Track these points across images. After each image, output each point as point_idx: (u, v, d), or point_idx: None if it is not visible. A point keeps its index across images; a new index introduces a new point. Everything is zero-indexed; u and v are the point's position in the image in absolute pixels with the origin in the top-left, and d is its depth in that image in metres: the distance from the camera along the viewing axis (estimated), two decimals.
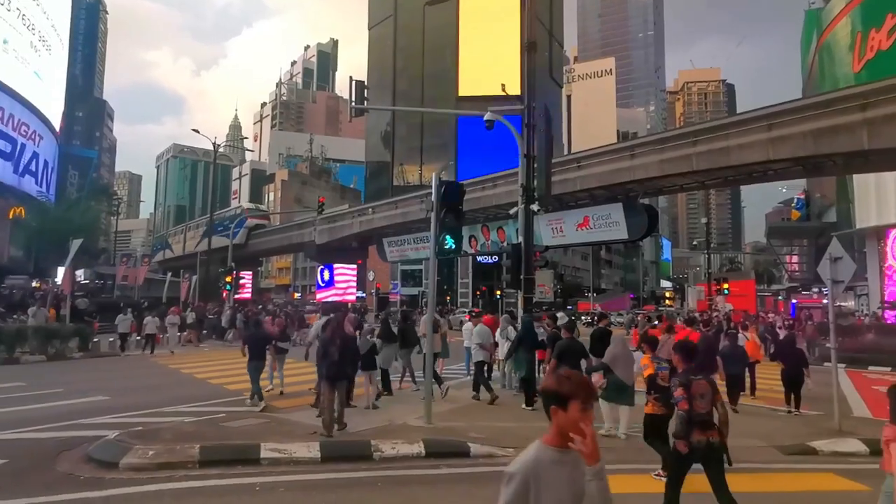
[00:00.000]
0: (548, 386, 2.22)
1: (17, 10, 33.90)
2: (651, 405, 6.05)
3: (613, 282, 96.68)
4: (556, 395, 2.11)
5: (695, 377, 4.75)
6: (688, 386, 4.63)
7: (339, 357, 7.62)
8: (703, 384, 4.65)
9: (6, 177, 32.92)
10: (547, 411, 2.15)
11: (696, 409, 4.56)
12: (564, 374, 2.23)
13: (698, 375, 4.79)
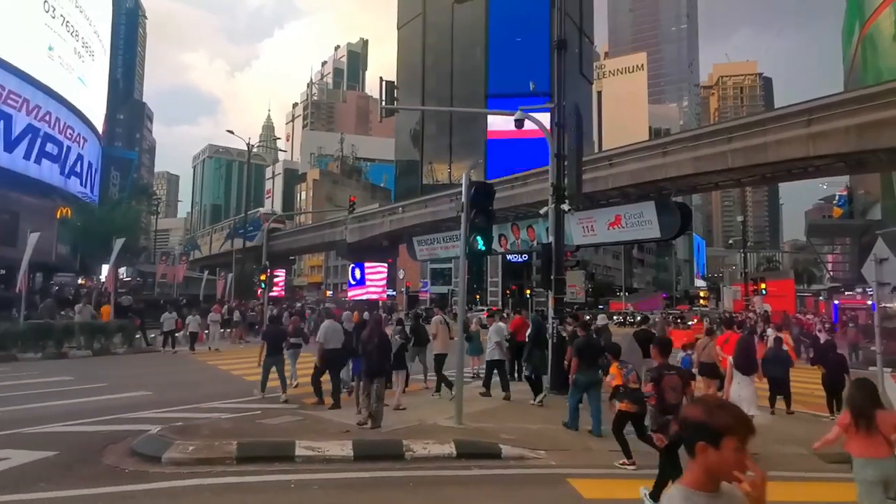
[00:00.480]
0: (694, 417, 1.72)
1: (61, 17, 35.23)
2: (625, 404, 6.45)
3: (646, 281, 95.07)
4: (705, 430, 1.66)
5: (668, 372, 5.25)
6: (658, 380, 5.09)
7: (378, 355, 8.00)
8: (674, 378, 5.15)
9: (53, 178, 34.26)
10: (689, 447, 1.71)
11: (668, 400, 5.01)
12: (715, 403, 1.75)
13: (671, 370, 5.29)
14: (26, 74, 30.80)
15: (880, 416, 4.32)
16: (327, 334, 9.80)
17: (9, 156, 29.92)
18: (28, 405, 9.13)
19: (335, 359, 9.77)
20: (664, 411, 4.96)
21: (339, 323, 10.76)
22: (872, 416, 4.24)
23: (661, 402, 5.01)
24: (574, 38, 67.84)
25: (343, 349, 9.82)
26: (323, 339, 9.79)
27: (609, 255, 79.13)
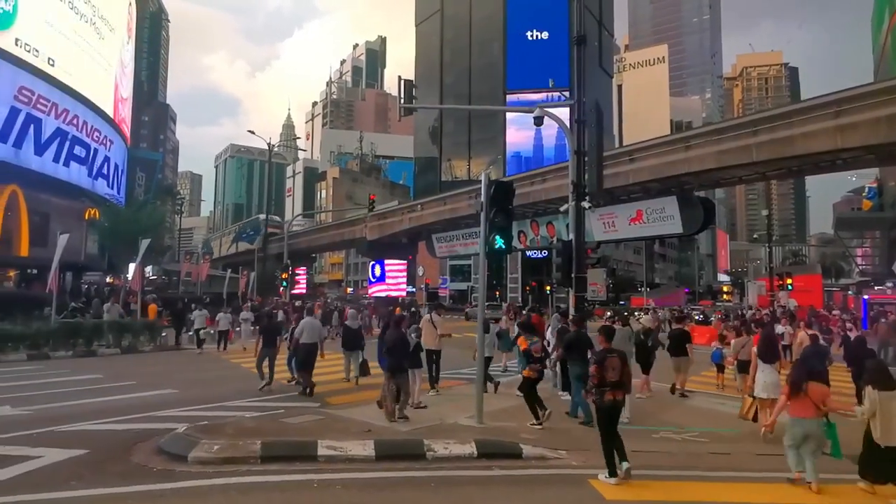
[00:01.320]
0: None
1: (92, 24, 36.08)
2: (528, 371, 8.46)
3: (667, 276, 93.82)
4: None
5: (609, 354, 6.46)
6: (602, 361, 6.31)
7: (397, 352, 8.50)
8: (615, 360, 6.37)
9: (82, 180, 35.11)
10: None
11: (609, 377, 6.22)
12: None
13: (613, 353, 6.51)
14: (54, 79, 31.56)
15: (811, 387, 5.92)
16: (303, 329, 10.98)
17: (39, 159, 30.72)
18: (60, 403, 9.39)
19: (308, 350, 10.85)
20: (602, 385, 6.20)
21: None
22: (804, 388, 5.89)
23: (602, 378, 6.23)
24: (593, 31, 67.10)
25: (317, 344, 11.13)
26: (298, 334, 11.04)
27: (630, 250, 78.23)
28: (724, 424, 8.89)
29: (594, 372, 6.27)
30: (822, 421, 6.00)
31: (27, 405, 9.11)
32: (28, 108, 29.53)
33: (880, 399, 5.64)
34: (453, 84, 73.13)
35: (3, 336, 15.38)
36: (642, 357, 11.41)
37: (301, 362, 10.98)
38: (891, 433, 5.56)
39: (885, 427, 5.57)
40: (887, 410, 5.59)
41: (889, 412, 5.58)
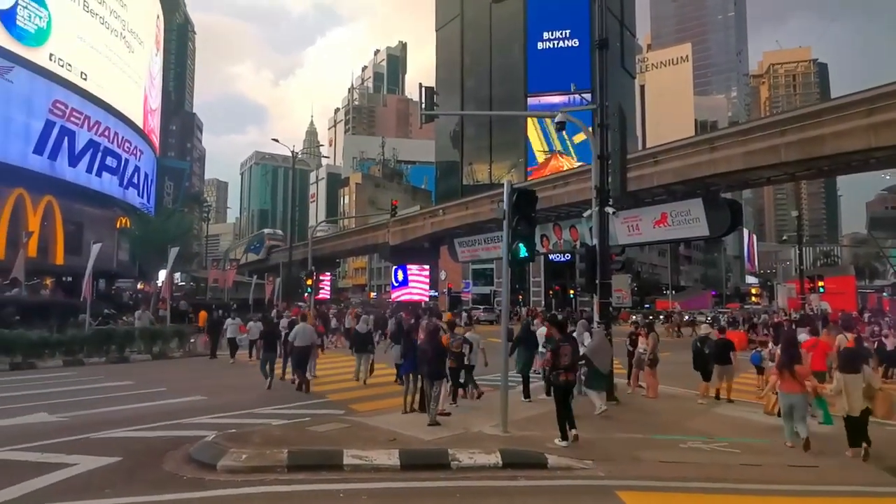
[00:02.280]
0: None
1: (122, 38, 37.17)
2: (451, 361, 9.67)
3: (693, 278, 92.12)
4: None
5: (563, 343, 7.88)
6: (557, 349, 7.76)
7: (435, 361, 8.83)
8: (567, 347, 7.84)
9: (113, 190, 36.16)
10: None
11: (562, 362, 7.68)
12: None
13: (565, 342, 7.95)
14: (87, 92, 32.55)
15: (798, 368, 7.70)
16: (297, 334, 12.24)
17: (73, 170, 31.71)
18: (94, 409, 9.65)
19: (301, 352, 12.17)
20: (555, 368, 7.68)
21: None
22: (793, 368, 7.65)
23: (556, 363, 7.68)
24: (615, 31, 66.52)
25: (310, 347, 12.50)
26: (292, 338, 12.30)
27: (654, 252, 77.08)
28: (754, 434, 8.70)
29: (549, 357, 7.84)
30: (806, 395, 7.77)
31: (63, 411, 9.39)
32: (62, 121, 30.54)
33: (846, 380, 7.26)
34: (474, 88, 73.21)
35: (41, 343, 15.91)
36: (700, 364, 11.53)
37: (296, 363, 12.26)
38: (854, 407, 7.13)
39: (851, 403, 7.16)
40: (852, 390, 7.17)
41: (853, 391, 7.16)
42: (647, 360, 11.77)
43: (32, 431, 8.06)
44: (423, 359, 8.99)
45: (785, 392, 7.74)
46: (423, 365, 8.99)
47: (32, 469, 6.27)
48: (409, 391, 9.61)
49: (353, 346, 13.65)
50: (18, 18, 27.68)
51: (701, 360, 11.50)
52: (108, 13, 35.47)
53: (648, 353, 11.79)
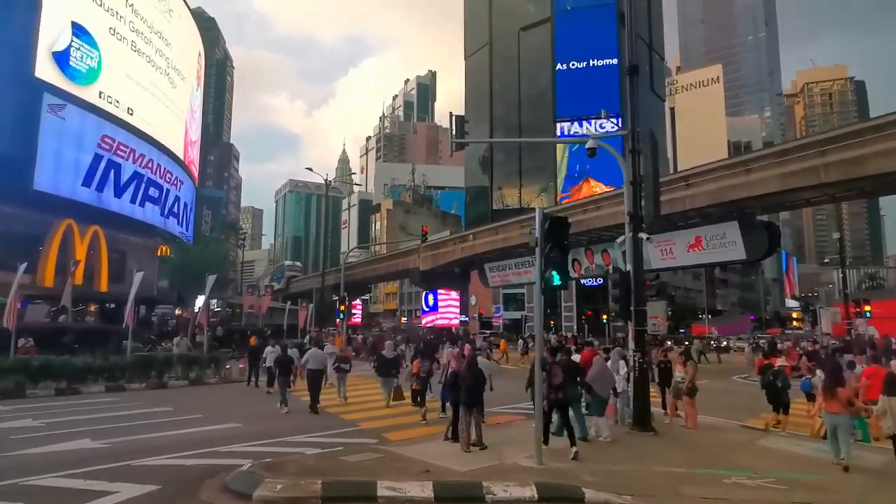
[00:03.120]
0: None
1: (166, 74, 39.02)
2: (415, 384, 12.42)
3: (730, 302, 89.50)
4: None
5: (554, 365, 9.18)
6: (549, 370, 8.92)
7: (474, 388, 8.96)
8: (557, 369, 9.10)
9: (155, 219, 37.49)
10: None
11: (553, 382, 8.91)
12: None
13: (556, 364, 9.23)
14: (132, 126, 34.11)
15: (840, 391, 8.36)
16: (309, 358, 13.42)
17: (118, 201, 33.05)
18: (135, 436, 9.87)
19: (314, 375, 13.17)
20: (550, 387, 8.86)
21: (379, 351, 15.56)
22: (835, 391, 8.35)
23: (550, 382, 8.89)
24: (644, 55, 66.57)
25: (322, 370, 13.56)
26: (304, 362, 13.54)
27: (689, 275, 75.33)
28: (803, 469, 8.31)
29: (545, 378, 8.71)
30: (848, 416, 8.37)
31: (106, 438, 9.64)
32: (109, 155, 31.98)
33: (890, 402, 8.19)
34: (503, 114, 73.85)
35: (85, 369, 16.43)
36: (773, 397, 11.43)
37: (309, 385, 13.12)
38: None
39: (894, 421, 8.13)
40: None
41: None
42: (686, 389, 11.44)
43: (76, 458, 8.28)
44: (462, 386, 9.01)
45: (829, 413, 8.40)
46: (461, 392, 8.98)
47: (76, 496, 6.44)
48: (452, 419, 9.58)
49: (379, 371, 14.19)
50: (72, 59, 29.33)
51: (774, 392, 11.42)
52: (154, 52, 37.33)
53: (687, 381, 11.46)
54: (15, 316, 17.18)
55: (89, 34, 30.59)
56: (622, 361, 11.60)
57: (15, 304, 17.42)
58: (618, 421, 11.40)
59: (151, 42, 36.98)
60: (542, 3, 69.69)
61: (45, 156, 27.90)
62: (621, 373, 11.40)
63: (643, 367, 11.16)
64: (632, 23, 14.25)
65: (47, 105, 28.03)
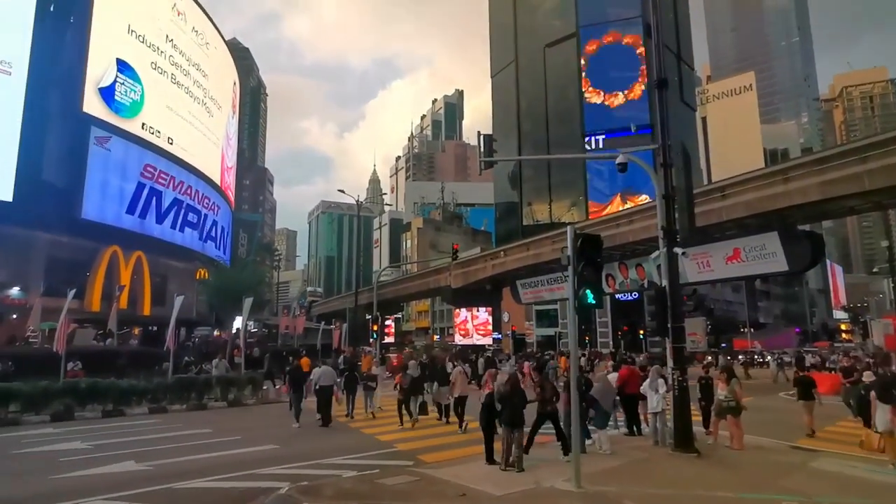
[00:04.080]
0: None
1: (203, 104, 40.56)
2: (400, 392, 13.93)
3: (773, 315, 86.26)
4: None
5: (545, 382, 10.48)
6: (543, 386, 10.13)
7: (517, 408, 8.93)
8: (549, 385, 10.32)
9: (194, 243, 38.71)
10: None
11: (545, 396, 9.90)
12: None
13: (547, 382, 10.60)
14: (172, 155, 35.46)
15: None
16: (321, 375, 14.61)
17: (159, 227, 34.26)
18: (177, 458, 10.09)
19: (325, 391, 14.30)
20: (544, 400, 9.81)
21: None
22: None
23: (543, 396, 9.88)
24: (672, 66, 65.83)
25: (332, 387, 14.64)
26: (315, 378, 14.73)
27: (728, 288, 73.02)
28: (859, 493, 7.91)
29: (538, 392, 10.06)
30: None
31: (149, 460, 9.88)
32: (151, 183, 33.28)
33: None
34: (531, 130, 73.84)
35: (130, 391, 16.91)
36: (865, 412, 11.03)
37: (318, 401, 14.24)
38: None
39: None
40: None
41: None
42: (730, 408, 11.04)
43: (122, 480, 8.51)
44: (504, 405, 8.97)
45: None
46: (504, 411, 8.96)
47: None
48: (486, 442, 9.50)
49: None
50: (117, 93, 30.81)
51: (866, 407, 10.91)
52: (192, 83, 38.90)
53: (732, 400, 11.06)
54: (65, 340, 17.88)
55: (133, 69, 32.11)
56: (661, 379, 11.31)
57: (65, 328, 18.14)
58: (658, 441, 11.10)
59: (190, 74, 38.55)
60: (568, 18, 69.82)
61: (91, 186, 29.24)
62: (660, 391, 11.12)
63: (683, 385, 10.85)
64: (659, 35, 14.16)
65: (94, 138, 29.45)
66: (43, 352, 20.54)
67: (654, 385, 11.35)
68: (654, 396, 11.27)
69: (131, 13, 32.63)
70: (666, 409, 11.02)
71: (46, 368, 17.29)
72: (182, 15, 38.19)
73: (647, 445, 11.08)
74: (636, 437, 12.10)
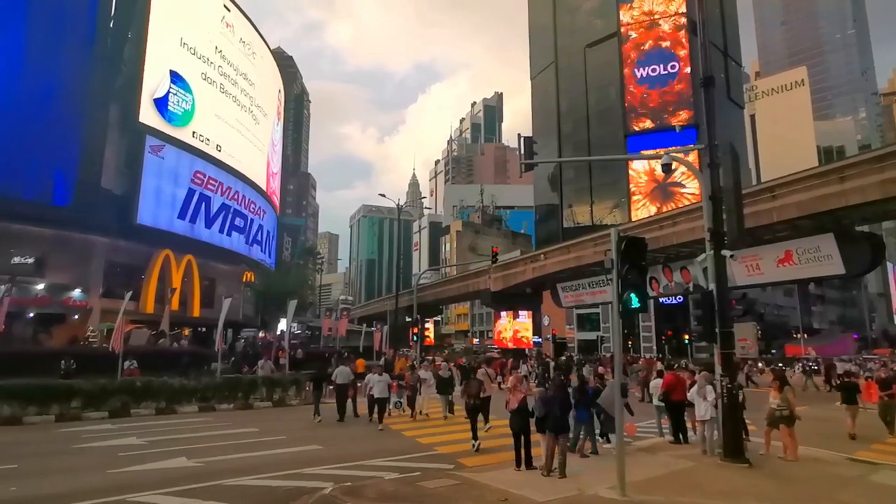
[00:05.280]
0: None
1: (250, 112, 41.87)
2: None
3: (829, 320, 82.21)
4: None
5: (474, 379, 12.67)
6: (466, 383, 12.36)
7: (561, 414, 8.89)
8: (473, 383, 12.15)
9: (240, 247, 39.92)
10: None
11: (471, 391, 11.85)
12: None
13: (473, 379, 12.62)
14: (221, 162, 36.70)
15: None
16: (339, 374, 16.01)
17: (208, 231, 35.49)
18: (225, 456, 10.42)
19: (341, 389, 15.80)
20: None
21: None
22: None
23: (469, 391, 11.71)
24: (718, 63, 63.87)
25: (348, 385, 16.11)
26: (334, 377, 16.12)
27: (779, 291, 70.02)
28: None
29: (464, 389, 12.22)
30: None
31: (199, 457, 10.24)
32: (201, 189, 34.53)
33: None
34: (571, 132, 72.93)
35: (181, 390, 17.59)
36: None
37: (336, 398, 15.82)
38: None
39: None
40: None
41: None
42: (783, 417, 10.59)
43: (175, 476, 8.86)
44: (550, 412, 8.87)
45: None
46: (547, 417, 8.86)
47: None
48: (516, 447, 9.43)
49: (437, 389, 16.50)
50: (170, 104, 32.15)
51: None
52: (240, 92, 40.21)
53: (785, 408, 10.61)
54: (121, 340, 18.75)
55: (184, 80, 33.45)
56: (709, 387, 10.96)
57: (122, 329, 19.02)
58: (706, 451, 10.76)
59: (237, 83, 39.88)
60: (609, 18, 68.72)
61: (146, 192, 30.57)
62: (709, 398, 10.78)
63: (733, 392, 10.48)
64: (705, 32, 13.77)
65: (149, 146, 30.81)
66: (102, 351, 21.58)
67: (702, 391, 11.02)
68: (702, 404, 10.94)
69: (183, 27, 34.02)
70: (714, 417, 10.67)
71: (105, 367, 18.17)
72: (231, 27, 39.55)
73: (695, 454, 10.77)
74: (682, 445, 11.78)
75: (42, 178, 26.87)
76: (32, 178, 26.59)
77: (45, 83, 26.99)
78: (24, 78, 26.42)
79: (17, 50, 26.44)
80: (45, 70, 26.95)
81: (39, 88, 26.83)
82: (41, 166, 26.91)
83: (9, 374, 15.56)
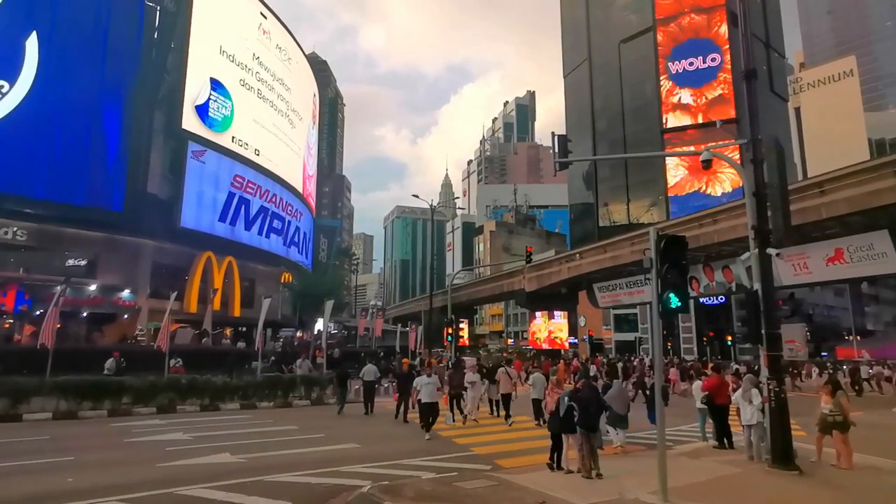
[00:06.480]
0: None
1: (286, 116, 42.77)
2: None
3: (884, 321, 78.33)
4: None
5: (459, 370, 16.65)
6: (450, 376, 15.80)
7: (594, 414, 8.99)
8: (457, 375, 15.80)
9: (278, 249, 40.83)
10: None
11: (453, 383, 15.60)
12: None
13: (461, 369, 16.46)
14: (259, 166, 37.60)
15: None
16: (366, 371, 17.69)
17: (248, 233, 36.41)
18: (266, 452, 10.67)
19: (368, 385, 17.45)
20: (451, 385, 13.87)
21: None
22: None
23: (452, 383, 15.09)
24: (760, 55, 61.82)
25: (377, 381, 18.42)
26: (362, 374, 17.80)
27: (829, 291, 67.19)
28: None
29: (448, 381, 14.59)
30: None
31: (242, 453, 10.50)
32: (240, 192, 35.46)
33: None
34: (606, 129, 71.77)
35: (224, 388, 18.10)
36: None
37: (364, 394, 17.36)
38: None
39: None
40: None
41: None
42: (836, 423, 10.14)
43: (219, 471, 9.12)
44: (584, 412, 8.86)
45: None
46: (582, 419, 8.83)
47: None
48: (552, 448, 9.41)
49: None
50: (210, 110, 33.15)
51: None
52: (276, 97, 41.13)
53: (838, 414, 10.15)
54: (167, 339, 19.42)
55: (224, 87, 34.42)
56: (755, 390, 10.60)
57: (168, 328, 19.70)
58: (753, 457, 10.40)
59: (274, 88, 40.79)
60: (644, 12, 67.32)
61: (189, 196, 31.60)
62: (755, 402, 10.43)
63: (781, 396, 10.11)
64: (746, 23, 13.35)
65: (191, 152, 31.85)
66: (149, 349, 22.40)
67: (746, 395, 10.67)
68: (748, 408, 10.58)
69: (223, 35, 35.03)
70: (761, 422, 10.30)
71: (152, 364, 18.85)
72: (267, 34, 40.50)
73: (741, 460, 10.44)
74: (728, 450, 11.43)
75: (95, 184, 28.14)
76: (86, 184, 27.85)
77: (97, 94, 28.24)
78: (78, 90, 27.70)
79: (71, 65, 27.70)
80: (96, 82, 28.20)
81: (91, 98, 28.11)
82: (94, 173, 28.17)
83: (65, 370, 16.32)
